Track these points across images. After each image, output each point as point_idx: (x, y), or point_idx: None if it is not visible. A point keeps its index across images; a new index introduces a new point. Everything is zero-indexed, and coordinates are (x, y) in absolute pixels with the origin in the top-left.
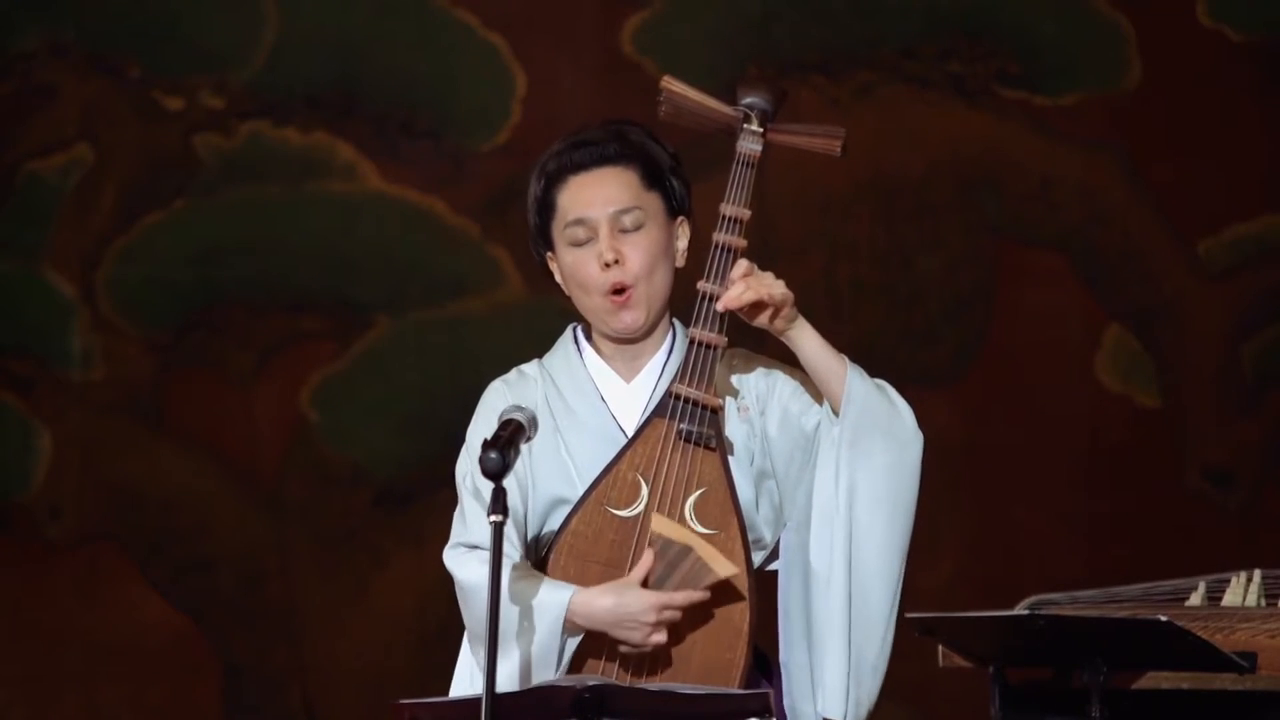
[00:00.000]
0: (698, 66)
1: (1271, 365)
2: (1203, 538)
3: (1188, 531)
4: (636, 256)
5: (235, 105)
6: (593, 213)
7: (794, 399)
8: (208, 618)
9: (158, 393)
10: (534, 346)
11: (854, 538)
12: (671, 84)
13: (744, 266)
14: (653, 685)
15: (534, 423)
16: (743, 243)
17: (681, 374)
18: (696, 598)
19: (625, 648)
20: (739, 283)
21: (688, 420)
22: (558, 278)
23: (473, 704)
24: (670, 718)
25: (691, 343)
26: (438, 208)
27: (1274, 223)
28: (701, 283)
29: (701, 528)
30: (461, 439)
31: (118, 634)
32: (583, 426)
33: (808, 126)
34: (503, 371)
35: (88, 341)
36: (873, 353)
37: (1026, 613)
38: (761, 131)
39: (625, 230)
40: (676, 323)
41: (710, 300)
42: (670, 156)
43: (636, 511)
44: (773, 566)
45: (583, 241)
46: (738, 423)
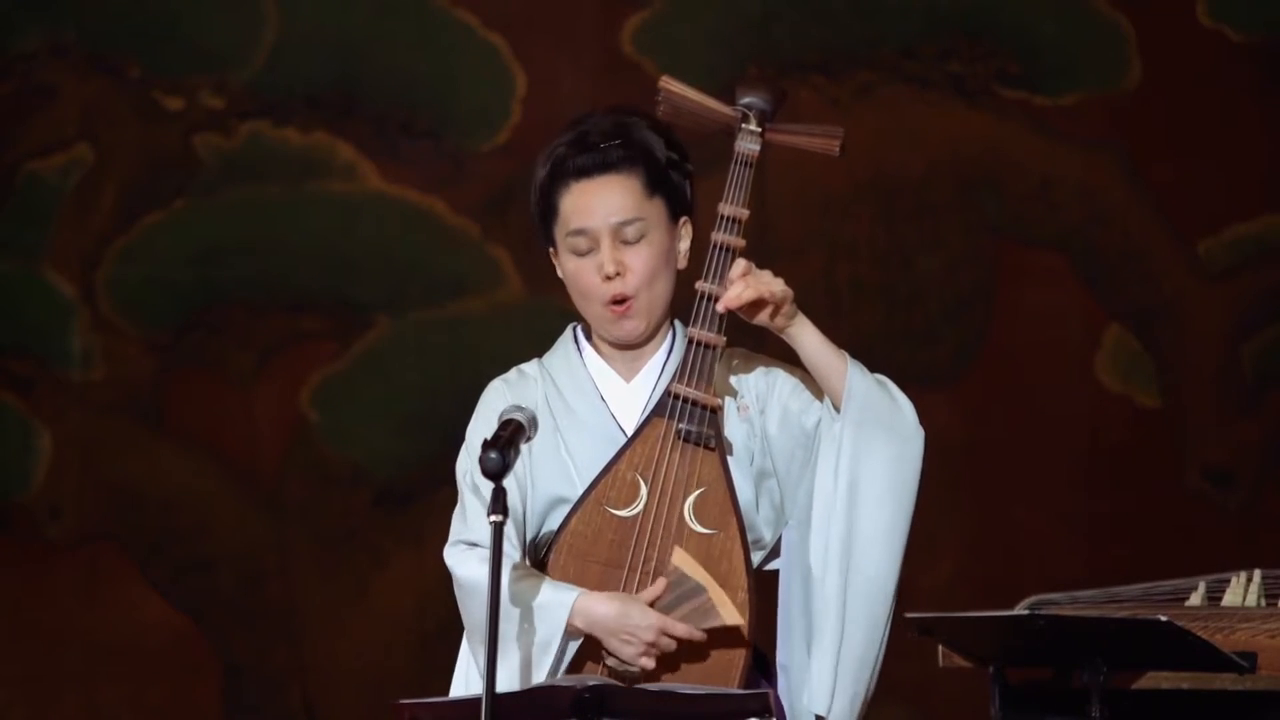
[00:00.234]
0: (698, 66)
1: (1271, 365)
2: (1203, 538)
3: (1188, 531)
4: (638, 267)
5: (235, 105)
6: (594, 223)
7: (794, 397)
8: (208, 618)
9: (158, 393)
10: (534, 346)
11: (854, 533)
12: (670, 84)
13: (742, 266)
14: (653, 685)
15: (534, 423)
16: (741, 242)
17: (680, 374)
18: (696, 636)
19: (619, 666)
20: (738, 282)
21: (687, 420)
22: (560, 272)
23: (473, 704)
24: (670, 718)
25: (690, 342)
26: (438, 208)
27: (1274, 223)
28: (700, 282)
29: (700, 527)
30: (461, 438)
31: (118, 634)
32: (582, 426)
33: (806, 126)
34: (503, 371)
35: (88, 341)
36: (872, 353)
37: (1026, 613)
38: (760, 131)
39: (627, 241)
40: (677, 323)
41: (709, 300)
42: (675, 151)
43: (635, 511)
44: (773, 566)
45: (584, 251)
46: (737, 422)
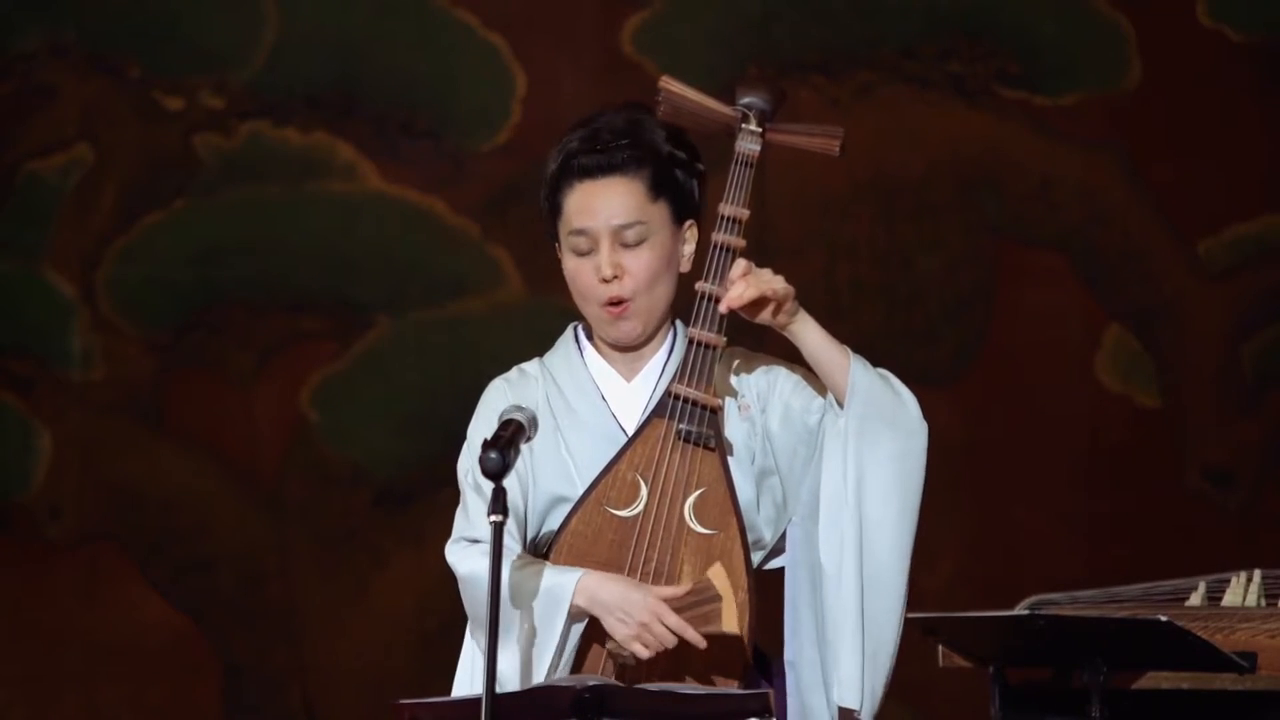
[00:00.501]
0: (698, 67)
1: (1271, 365)
2: (1203, 538)
3: (1188, 531)
4: (637, 271)
5: (235, 105)
6: (594, 225)
7: (795, 394)
8: (208, 618)
9: (158, 393)
10: (534, 346)
11: (864, 528)
12: (670, 84)
13: (743, 266)
14: (653, 685)
15: (534, 423)
16: (741, 242)
17: (681, 374)
18: (690, 635)
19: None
20: (739, 282)
21: (687, 420)
22: (562, 262)
23: (473, 704)
24: (670, 718)
25: (691, 343)
26: (438, 208)
27: (1274, 223)
28: (700, 283)
29: (700, 528)
30: (462, 438)
31: (118, 634)
32: (583, 425)
33: (806, 126)
34: (503, 371)
35: (88, 341)
36: (872, 352)
37: (1026, 613)
38: (760, 131)
39: (627, 244)
40: (678, 323)
41: (709, 300)
42: (685, 153)
43: (636, 511)
44: (775, 564)
45: (584, 251)
46: (738, 421)
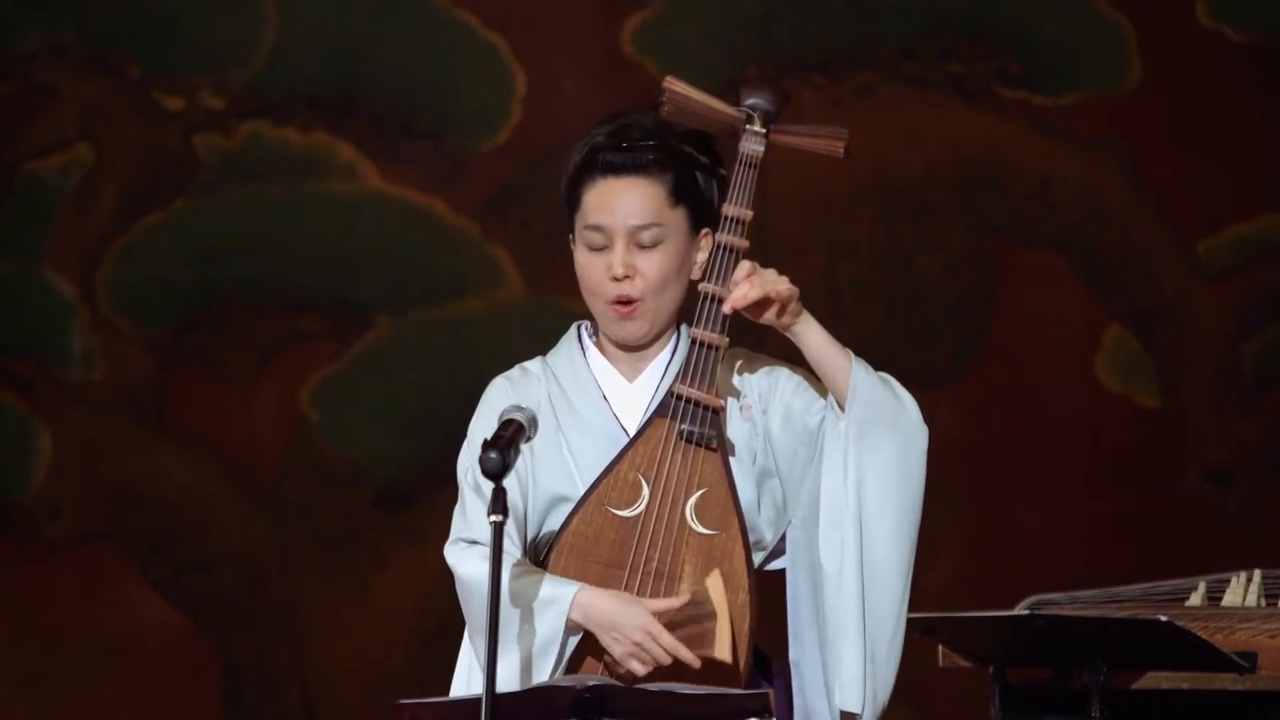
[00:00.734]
0: (698, 67)
1: (1271, 365)
2: (1203, 538)
3: (1188, 531)
4: (649, 273)
5: (235, 105)
6: (612, 222)
7: (796, 396)
8: (208, 618)
9: (158, 393)
10: (534, 346)
11: (864, 531)
12: (674, 84)
13: (746, 267)
14: (653, 685)
15: (534, 423)
16: (745, 243)
17: (683, 374)
18: (684, 654)
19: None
20: (743, 283)
21: (689, 421)
22: (575, 254)
23: (473, 704)
24: (670, 718)
25: (693, 343)
26: (438, 208)
27: (1274, 223)
28: (703, 283)
29: (702, 528)
30: (461, 438)
31: (118, 634)
32: (585, 425)
33: (810, 128)
34: (503, 371)
35: (88, 341)
36: (873, 353)
37: (1026, 613)
38: (764, 133)
39: (642, 245)
40: (681, 324)
41: (712, 301)
42: (710, 159)
43: (637, 512)
44: (776, 565)
45: (598, 247)
46: (740, 422)
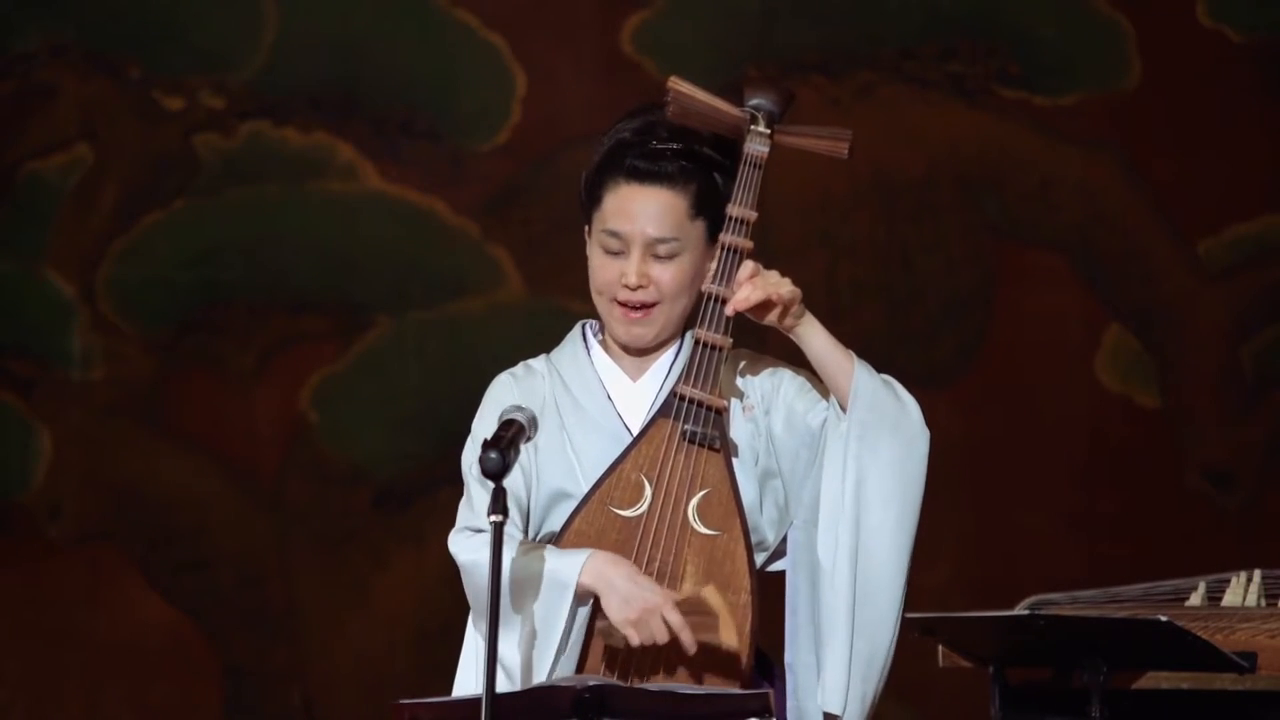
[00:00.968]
0: (697, 66)
1: (1271, 365)
2: (1203, 538)
3: (1188, 531)
4: (663, 282)
5: (235, 105)
6: (630, 230)
7: (799, 397)
8: (208, 618)
9: (158, 393)
10: (534, 346)
11: (861, 533)
12: (679, 84)
13: (750, 268)
14: (653, 685)
15: (534, 423)
16: (749, 244)
17: (686, 375)
18: (686, 636)
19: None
20: (746, 284)
21: (692, 421)
22: (588, 250)
23: (473, 704)
24: (670, 718)
25: (697, 344)
26: (438, 208)
27: (1274, 223)
28: (707, 284)
29: (704, 529)
30: (462, 438)
31: (118, 634)
32: (589, 423)
33: (814, 129)
34: (504, 370)
35: (88, 341)
36: (873, 353)
37: (1026, 613)
38: (769, 133)
39: (658, 256)
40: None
41: (716, 301)
42: (730, 161)
43: (640, 511)
44: (777, 566)
45: (614, 251)
46: (742, 422)
